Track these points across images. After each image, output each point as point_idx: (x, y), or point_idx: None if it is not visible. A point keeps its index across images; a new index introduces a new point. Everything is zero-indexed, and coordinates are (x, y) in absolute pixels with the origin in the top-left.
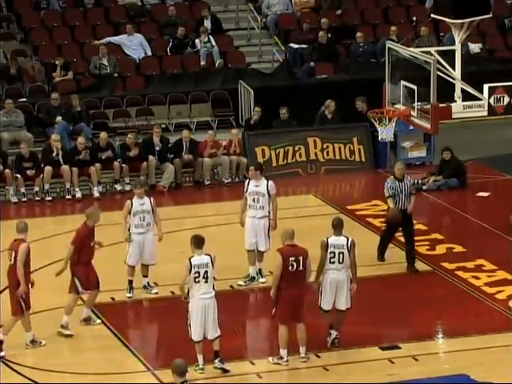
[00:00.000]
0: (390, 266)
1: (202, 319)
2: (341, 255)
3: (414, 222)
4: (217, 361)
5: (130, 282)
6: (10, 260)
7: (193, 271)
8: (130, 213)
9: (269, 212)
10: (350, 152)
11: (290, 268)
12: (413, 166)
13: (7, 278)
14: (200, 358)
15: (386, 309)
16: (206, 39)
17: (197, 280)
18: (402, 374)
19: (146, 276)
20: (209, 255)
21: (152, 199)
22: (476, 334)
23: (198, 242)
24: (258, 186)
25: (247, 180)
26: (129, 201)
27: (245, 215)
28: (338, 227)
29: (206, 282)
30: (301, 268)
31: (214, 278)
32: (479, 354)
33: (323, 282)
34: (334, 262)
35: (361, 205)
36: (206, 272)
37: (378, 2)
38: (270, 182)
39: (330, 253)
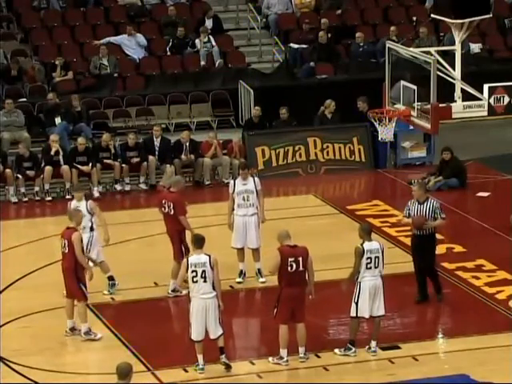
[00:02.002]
0: (390, 266)
1: (203, 319)
2: (376, 259)
3: None
4: (223, 356)
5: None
6: (64, 248)
7: (190, 270)
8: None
9: (257, 208)
10: (350, 152)
11: (289, 269)
12: (413, 166)
13: (61, 265)
14: (200, 357)
15: (386, 309)
16: (206, 39)
17: (194, 280)
18: (401, 374)
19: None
20: (208, 255)
21: (88, 203)
22: (476, 334)
23: (197, 242)
24: (245, 184)
25: (232, 181)
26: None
27: (233, 216)
28: (369, 233)
29: (205, 281)
30: (301, 268)
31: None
32: (479, 354)
33: (360, 291)
34: (370, 268)
35: (361, 205)
36: (204, 271)
37: (377, 2)
38: (256, 179)
39: (367, 258)
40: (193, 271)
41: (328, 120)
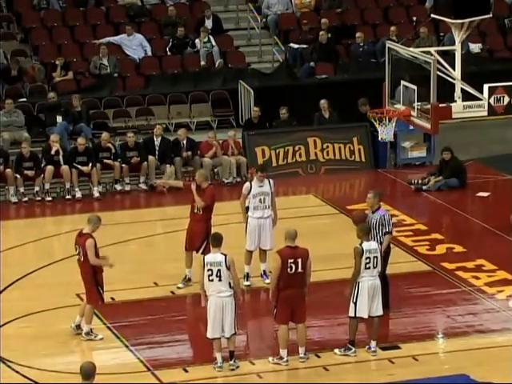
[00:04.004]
0: (390, 266)
1: (220, 317)
2: (375, 259)
3: (414, 221)
4: (232, 362)
5: None
6: (78, 255)
7: (206, 268)
8: None
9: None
10: (350, 152)
11: (288, 270)
12: (413, 166)
13: (80, 272)
14: (218, 356)
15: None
16: (206, 39)
17: (210, 278)
18: (401, 374)
19: None
20: (224, 255)
21: None
22: (476, 334)
23: (214, 240)
24: (262, 187)
25: (247, 183)
26: None
27: (247, 216)
28: (367, 233)
29: (220, 280)
30: (300, 270)
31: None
32: (479, 354)
33: (359, 291)
34: (369, 268)
35: (361, 205)
36: (219, 270)
37: (377, 2)
38: (271, 180)
39: (366, 258)
40: (208, 270)
41: (326, 119)
